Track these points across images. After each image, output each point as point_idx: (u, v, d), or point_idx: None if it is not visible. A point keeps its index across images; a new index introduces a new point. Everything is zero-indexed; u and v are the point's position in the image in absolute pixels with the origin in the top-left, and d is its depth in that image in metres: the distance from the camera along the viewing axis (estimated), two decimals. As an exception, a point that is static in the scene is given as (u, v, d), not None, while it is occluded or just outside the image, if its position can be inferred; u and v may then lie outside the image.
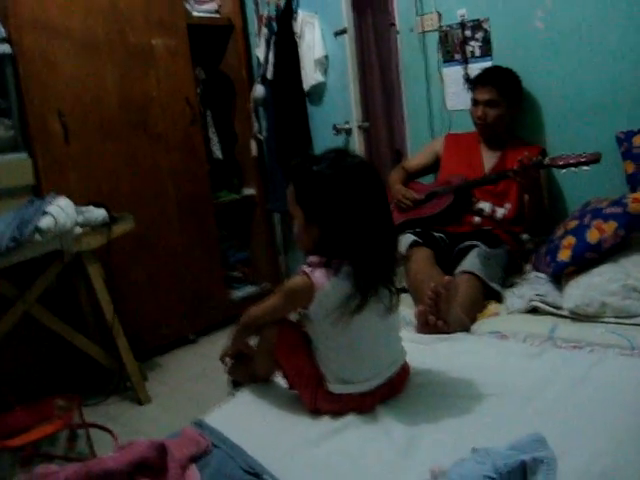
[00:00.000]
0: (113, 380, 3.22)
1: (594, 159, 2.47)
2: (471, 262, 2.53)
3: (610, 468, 1.29)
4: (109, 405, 3.14)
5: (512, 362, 1.85)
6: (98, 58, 3.34)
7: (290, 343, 1.77)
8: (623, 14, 2.69)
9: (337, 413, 1.67)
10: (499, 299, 2.50)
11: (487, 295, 2.50)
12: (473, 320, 2.33)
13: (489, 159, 3.00)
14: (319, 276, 1.61)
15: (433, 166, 3.20)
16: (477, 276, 2.48)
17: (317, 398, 1.70)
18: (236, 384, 2.16)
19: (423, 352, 1.93)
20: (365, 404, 1.67)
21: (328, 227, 1.61)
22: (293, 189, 1.66)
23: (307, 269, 1.63)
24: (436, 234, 2.80)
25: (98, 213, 2.93)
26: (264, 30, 3.93)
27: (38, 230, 2.63)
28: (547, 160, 2.59)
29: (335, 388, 1.68)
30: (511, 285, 2.61)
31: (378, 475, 1.38)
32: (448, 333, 2.14)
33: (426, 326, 2.19)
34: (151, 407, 3.13)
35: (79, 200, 2.96)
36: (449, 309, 2.18)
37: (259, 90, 3.97)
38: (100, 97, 3.35)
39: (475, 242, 2.64)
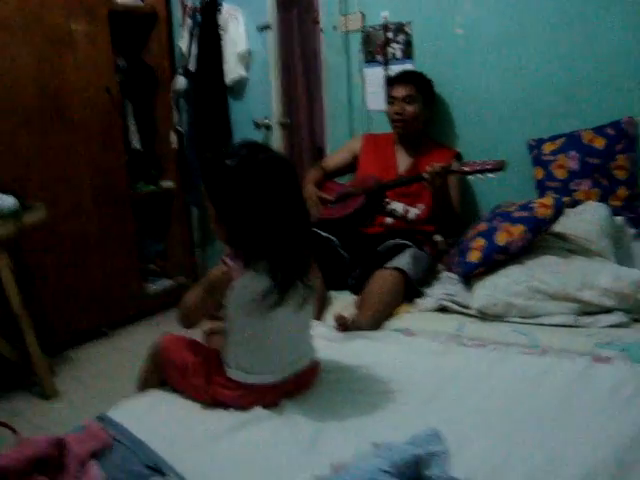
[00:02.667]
0: (18, 373, 3.11)
1: (499, 167, 2.54)
2: (404, 261, 2.56)
3: (501, 460, 1.34)
4: (13, 399, 3.04)
5: (418, 360, 1.89)
6: (12, 39, 3.20)
7: (175, 344, 1.82)
8: (540, 28, 2.78)
9: (238, 404, 1.67)
10: (411, 299, 2.55)
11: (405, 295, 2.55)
12: (389, 316, 2.38)
13: (403, 160, 3.04)
14: (236, 268, 1.61)
15: (351, 166, 3.22)
16: (405, 275, 2.52)
17: (212, 385, 1.70)
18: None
19: (334, 349, 1.95)
20: (267, 397, 1.68)
21: (237, 224, 1.60)
22: (204, 185, 1.65)
23: (227, 259, 1.63)
24: (324, 234, 2.82)
25: (7, 201, 2.82)
26: (188, 21, 3.88)
27: (-59, 217, 2.52)
28: (454, 166, 2.65)
29: (235, 374, 1.68)
30: (423, 284, 2.66)
31: (281, 469, 1.38)
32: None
33: (342, 327, 2.24)
34: (58, 402, 3.04)
35: (-15, 187, 2.84)
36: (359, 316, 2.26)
37: (180, 82, 3.92)
38: (14, 80, 3.22)
39: (407, 242, 2.69)
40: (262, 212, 1.57)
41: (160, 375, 1.86)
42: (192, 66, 3.82)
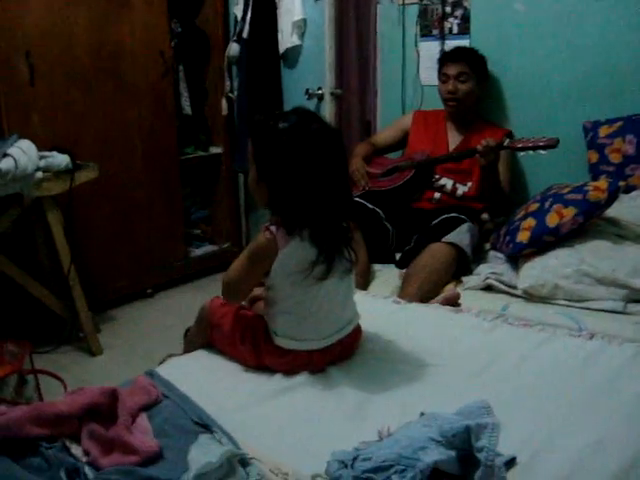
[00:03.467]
0: (66, 329, 3.20)
1: (551, 144, 2.51)
2: (462, 236, 2.57)
3: (545, 440, 1.34)
4: (60, 354, 3.13)
5: (464, 335, 1.89)
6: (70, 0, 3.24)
7: (222, 308, 1.83)
8: (604, 8, 2.72)
9: (285, 369, 1.69)
10: (458, 277, 2.54)
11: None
12: (437, 291, 2.40)
13: (454, 138, 3.03)
14: (281, 236, 1.61)
15: (401, 142, 3.21)
16: (458, 251, 2.52)
17: (261, 352, 1.71)
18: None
19: (378, 319, 1.96)
20: (313, 362, 1.69)
21: (279, 186, 1.60)
22: (251, 144, 1.65)
23: (271, 227, 1.63)
24: (370, 206, 2.83)
25: (61, 159, 2.88)
26: (244, -12, 3.87)
27: (-2, 171, 2.58)
28: (507, 142, 2.62)
29: (283, 342, 1.70)
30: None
31: (327, 434, 1.40)
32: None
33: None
34: (102, 359, 3.12)
35: (42, 144, 2.89)
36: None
37: (234, 48, 3.92)
38: (71, 40, 3.27)
39: (462, 216, 2.68)
40: (306, 177, 1.57)
41: (206, 338, 1.88)
42: (246, 33, 3.81)
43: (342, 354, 1.75)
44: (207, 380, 1.70)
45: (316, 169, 1.58)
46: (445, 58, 2.98)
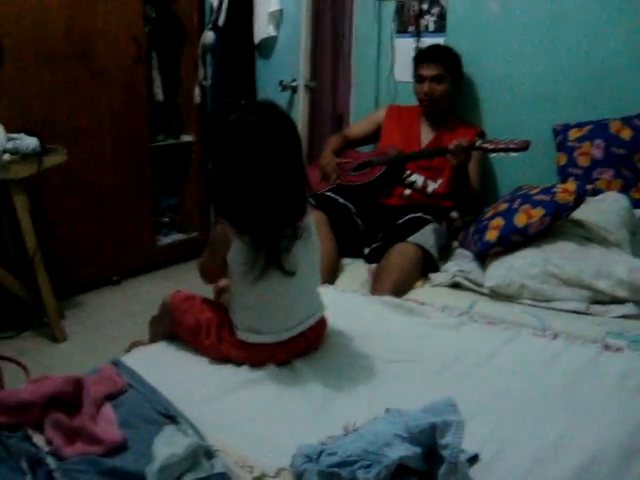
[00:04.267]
0: (29, 314, 3.15)
1: (522, 147, 2.52)
2: (426, 237, 2.59)
3: (508, 436, 1.36)
4: (23, 340, 3.08)
5: (430, 331, 1.91)
6: (43, -20, 3.18)
7: (185, 302, 1.82)
8: (578, 12, 2.76)
9: (250, 363, 1.68)
10: (425, 274, 2.56)
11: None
12: (407, 289, 2.41)
13: (427, 134, 3.04)
14: (231, 230, 1.61)
15: (373, 136, 3.22)
16: (424, 251, 2.54)
17: (226, 345, 1.71)
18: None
19: (345, 313, 1.97)
20: (277, 355, 1.69)
21: (225, 189, 1.59)
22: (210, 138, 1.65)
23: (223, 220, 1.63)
24: (341, 201, 2.84)
25: (30, 141, 2.83)
26: (220, -25, 3.84)
27: (-37, 153, 2.53)
28: (478, 143, 2.64)
29: (243, 336, 1.70)
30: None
31: (293, 428, 1.40)
32: None
33: None
34: (66, 345, 3.08)
35: (10, 127, 2.83)
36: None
37: (209, 36, 3.89)
38: (42, 21, 3.20)
39: (427, 216, 2.70)
40: (248, 180, 1.54)
41: (167, 330, 1.87)
42: (221, 22, 3.79)
43: (307, 347, 1.75)
44: (173, 371, 1.69)
45: (259, 173, 1.54)
46: (421, 58, 2.98)
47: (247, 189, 1.54)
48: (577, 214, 2.42)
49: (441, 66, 2.90)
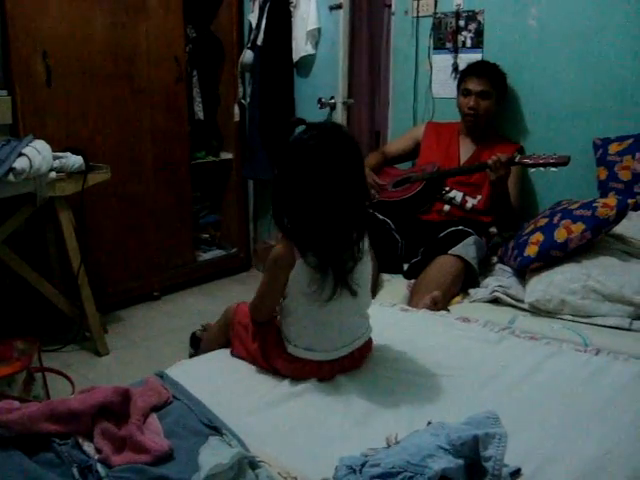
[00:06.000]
0: (73, 329, 3.21)
1: (562, 162, 2.52)
2: (467, 249, 2.58)
3: (551, 451, 1.36)
4: (67, 353, 3.14)
5: (472, 346, 1.91)
6: (87, 3, 3.27)
7: (246, 313, 1.84)
8: (616, 26, 2.74)
9: (293, 375, 1.71)
10: (465, 289, 2.56)
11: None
12: (446, 304, 2.41)
13: (466, 151, 3.04)
14: (295, 250, 1.63)
15: (412, 152, 3.22)
16: (465, 264, 2.54)
17: (269, 355, 1.74)
18: (195, 346, 2.21)
19: (386, 327, 1.98)
20: (322, 371, 1.71)
21: (293, 212, 1.62)
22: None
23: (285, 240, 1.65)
24: (380, 217, 2.86)
25: (75, 160, 2.91)
26: (259, -4, 3.91)
27: (12, 171, 2.60)
28: (518, 158, 2.63)
29: (295, 351, 1.72)
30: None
31: (335, 439, 1.42)
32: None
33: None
34: (108, 359, 3.14)
35: (56, 145, 2.92)
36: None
37: (248, 55, 3.96)
38: (87, 43, 3.30)
39: (468, 229, 2.70)
40: (317, 201, 1.56)
41: (226, 336, 1.91)
42: (260, 41, 3.85)
43: (352, 364, 1.77)
44: (216, 383, 1.72)
45: (327, 193, 1.56)
46: (469, 72, 2.97)
47: (315, 209, 1.57)
48: (618, 229, 2.40)
49: (488, 82, 2.89)
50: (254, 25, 3.92)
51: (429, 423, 1.33)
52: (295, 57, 3.85)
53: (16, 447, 1.32)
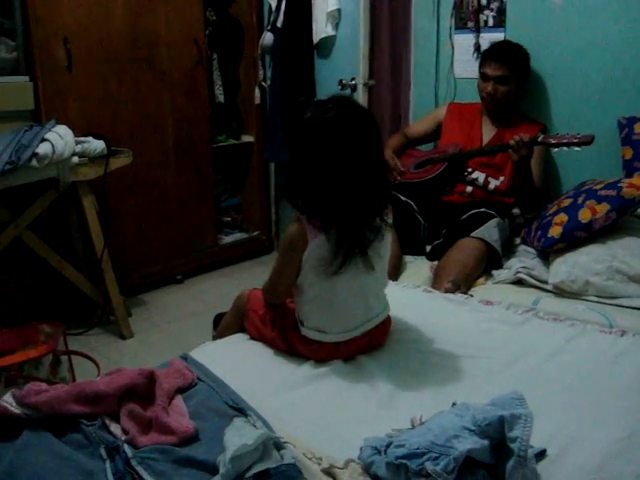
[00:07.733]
0: (97, 312, 3.25)
1: (586, 141, 2.48)
2: (490, 231, 2.57)
3: (576, 432, 1.36)
4: (92, 336, 3.18)
5: (495, 327, 1.90)
6: (107, -11, 3.28)
7: (260, 298, 1.86)
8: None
9: (314, 357, 1.72)
10: (488, 270, 2.55)
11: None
12: (469, 286, 2.40)
13: (488, 131, 3.00)
14: (311, 228, 1.63)
15: (434, 134, 3.20)
16: (488, 246, 2.53)
17: (289, 338, 1.75)
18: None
19: (409, 308, 1.98)
20: (341, 351, 1.72)
21: (307, 182, 1.61)
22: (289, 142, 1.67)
23: (302, 217, 1.65)
24: (403, 198, 2.85)
25: (97, 144, 2.93)
26: (279, -23, 3.88)
27: (35, 156, 2.62)
28: (541, 137, 2.60)
29: (308, 333, 1.72)
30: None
31: (359, 421, 1.42)
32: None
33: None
34: (133, 342, 3.17)
35: (78, 130, 2.94)
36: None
37: (268, 38, 3.94)
38: (107, 28, 3.31)
39: (491, 211, 2.68)
40: (337, 172, 1.57)
41: (240, 325, 1.92)
42: (280, 23, 3.82)
43: (371, 344, 1.77)
44: (239, 365, 1.74)
45: (347, 164, 1.56)
46: (488, 55, 2.90)
47: (333, 181, 1.57)
48: (645, 209, 2.38)
49: (506, 67, 2.82)
50: (274, 7, 3.89)
51: (454, 404, 1.33)
52: (315, 39, 3.82)
53: (45, 428, 1.35)
